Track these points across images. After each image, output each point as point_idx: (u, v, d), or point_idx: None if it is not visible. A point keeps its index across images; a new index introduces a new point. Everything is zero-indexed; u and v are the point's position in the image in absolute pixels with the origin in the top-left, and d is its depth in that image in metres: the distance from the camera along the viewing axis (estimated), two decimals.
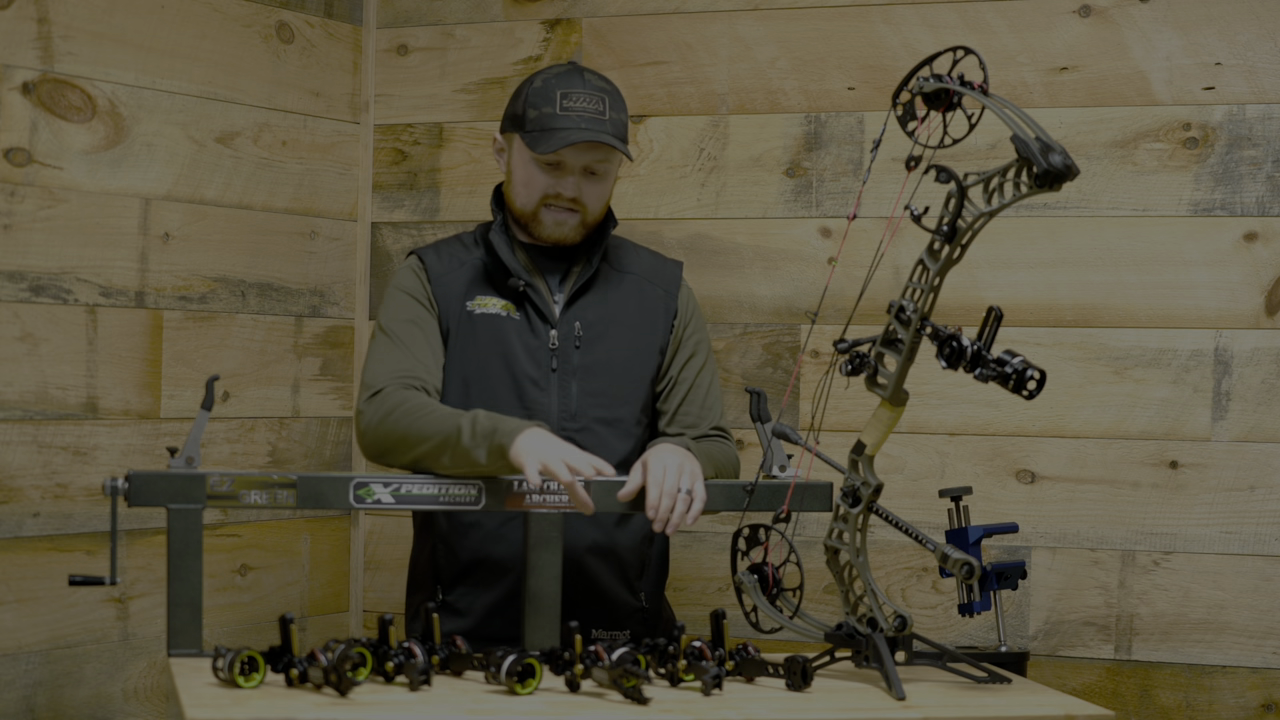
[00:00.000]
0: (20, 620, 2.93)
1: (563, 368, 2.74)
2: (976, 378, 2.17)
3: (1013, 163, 2.10)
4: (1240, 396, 3.10)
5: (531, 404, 2.71)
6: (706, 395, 2.86)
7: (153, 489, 2.41)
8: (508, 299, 2.76)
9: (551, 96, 2.71)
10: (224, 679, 2.16)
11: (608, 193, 2.79)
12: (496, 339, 2.74)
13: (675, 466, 2.52)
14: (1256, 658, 3.09)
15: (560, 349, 2.74)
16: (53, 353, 2.98)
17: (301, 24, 3.44)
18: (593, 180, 2.75)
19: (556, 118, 2.69)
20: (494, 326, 2.74)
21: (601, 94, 2.73)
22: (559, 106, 2.70)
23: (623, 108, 2.77)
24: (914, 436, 3.26)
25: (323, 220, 3.50)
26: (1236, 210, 3.12)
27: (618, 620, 2.78)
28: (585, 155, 2.72)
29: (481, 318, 2.75)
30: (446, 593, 2.77)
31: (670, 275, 2.88)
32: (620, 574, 2.79)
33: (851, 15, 3.31)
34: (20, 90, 2.92)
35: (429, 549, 2.81)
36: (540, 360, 2.73)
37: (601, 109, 2.71)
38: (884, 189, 3.16)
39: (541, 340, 2.74)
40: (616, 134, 2.72)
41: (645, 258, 2.89)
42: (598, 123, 2.70)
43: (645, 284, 2.84)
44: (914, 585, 3.27)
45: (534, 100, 2.73)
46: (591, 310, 2.77)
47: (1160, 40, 3.15)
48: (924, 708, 2.18)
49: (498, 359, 2.73)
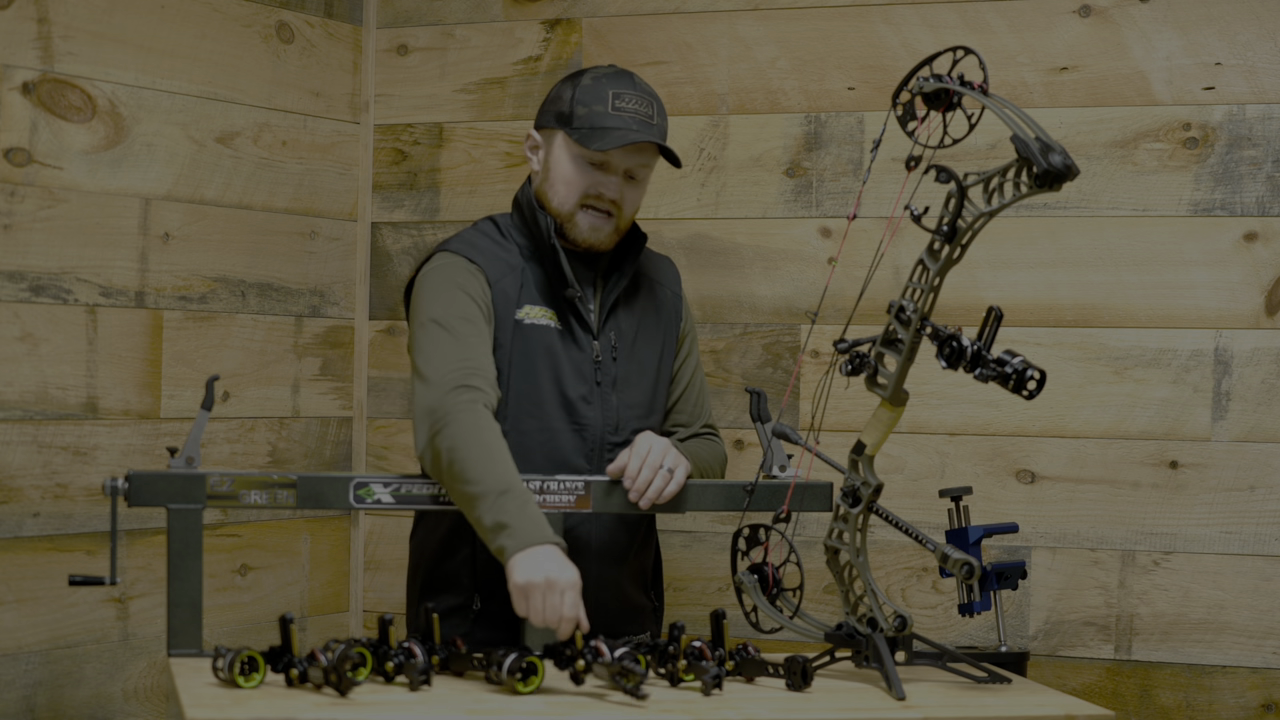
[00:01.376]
0: (20, 620, 2.93)
1: (604, 380, 2.70)
2: (976, 378, 2.17)
3: (1013, 163, 2.10)
4: (1240, 396, 3.10)
5: (580, 419, 2.67)
6: (700, 394, 2.85)
7: (153, 489, 2.41)
8: (552, 307, 2.69)
9: (603, 95, 2.65)
10: (224, 679, 2.16)
11: (640, 199, 2.73)
12: (545, 351, 2.67)
13: (661, 448, 2.58)
14: (1256, 658, 3.09)
15: (602, 361, 2.71)
16: (53, 353, 2.98)
17: (301, 24, 3.44)
18: (632, 185, 2.69)
19: (609, 116, 2.63)
20: (543, 338, 2.67)
21: (651, 98, 2.68)
22: (611, 106, 2.64)
23: (665, 115, 2.72)
24: (914, 436, 3.26)
25: (323, 220, 3.50)
26: (1236, 210, 3.12)
27: (641, 624, 2.78)
28: (632, 158, 2.67)
29: (532, 328, 2.67)
30: (485, 601, 2.66)
31: (672, 274, 2.86)
32: (637, 578, 2.78)
33: (851, 15, 3.31)
34: (20, 90, 2.92)
35: (466, 553, 2.68)
36: (585, 373, 2.68)
37: (651, 113, 2.66)
38: (884, 189, 3.16)
39: (586, 353, 2.69)
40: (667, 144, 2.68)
41: (652, 258, 2.86)
42: (648, 126, 2.65)
43: (658, 286, 2.82)
44: (914, 585, 3.27)
45: (583, 98, 2.65)
46: (623, 319, 2.74)
47: (1160, 40, 3.15)
48: (924, 708, 2.18)
49: (547, 373, 2.67)
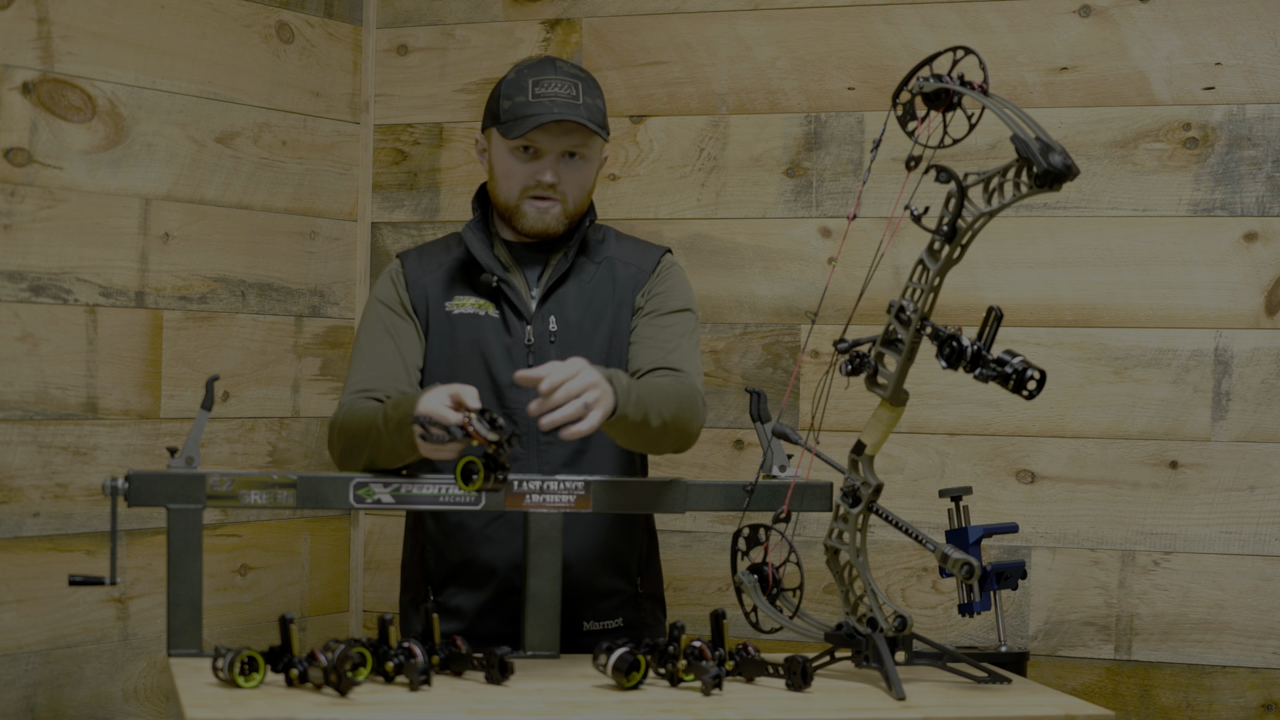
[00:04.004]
0: (20, 620, 2.93)
1: (539, 364, 2.71)
2: (976, 378, 2.17)
3: (1013, 163, 2.10)
4: (1240, 396, 3.10)
5: (511, 404, 2.69)
6: (660, 333, 2.72)
7: (153, 489, 2.41)
8: (484, 297, 2.74)
9: (524, 85, 2.69)
10: (224, 679, 2.16)
11: (589, 181, 2.75)
12: (474, 339, 2.72)
13: (586, 379, 2.36)
14: (1256, 658, 3.09)
15: (535, 345, 2.72)
16: (53, 353, 2.98)
17: (301, 24, 3.44)
18: (571, 167, 2.71)
19: (529, 104, 2.67)
20: (472, 327, 2.73)
21: (574, 80, 2.70)
22: (531, 94, 2.68)
23: (598, 94, 2.73)
24: (914, 436, 3.26)
25: (323, 220, 3.50)
26: (1236, 210, 3.12)
27: (611, 609, 2.78)
28: (560, 140, 2.69)
29: (460, 318, 2.74)
30: (437, 593, 2.78)
31: (649, 256, 2.82)
32: (609, 559, 2.77)
33: (851, 15, 3.31)
34: (20, 90, 2.92)
35: (419, 550, 2.81)
36: (517, 358, 2.71)
37: (575, 94, 2.69)
38: (884, 189, 3.16)
39: (516, 338, 2.72)
40: (592, 119, 2.69)
41: (626, 244, 2.84)
42: (570, 106, 2.67)
43: (619, 265, 2.79)
44: (914, 585, 3.27)
45: (508, 91, 2.71)
46: (568, 302, 2.74)
47: (1160, 40, 3.15)
48: (924, 708, 2.18)
49: (476, 359, 2.72)
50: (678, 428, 2.59)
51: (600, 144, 2.75)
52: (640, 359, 2.71)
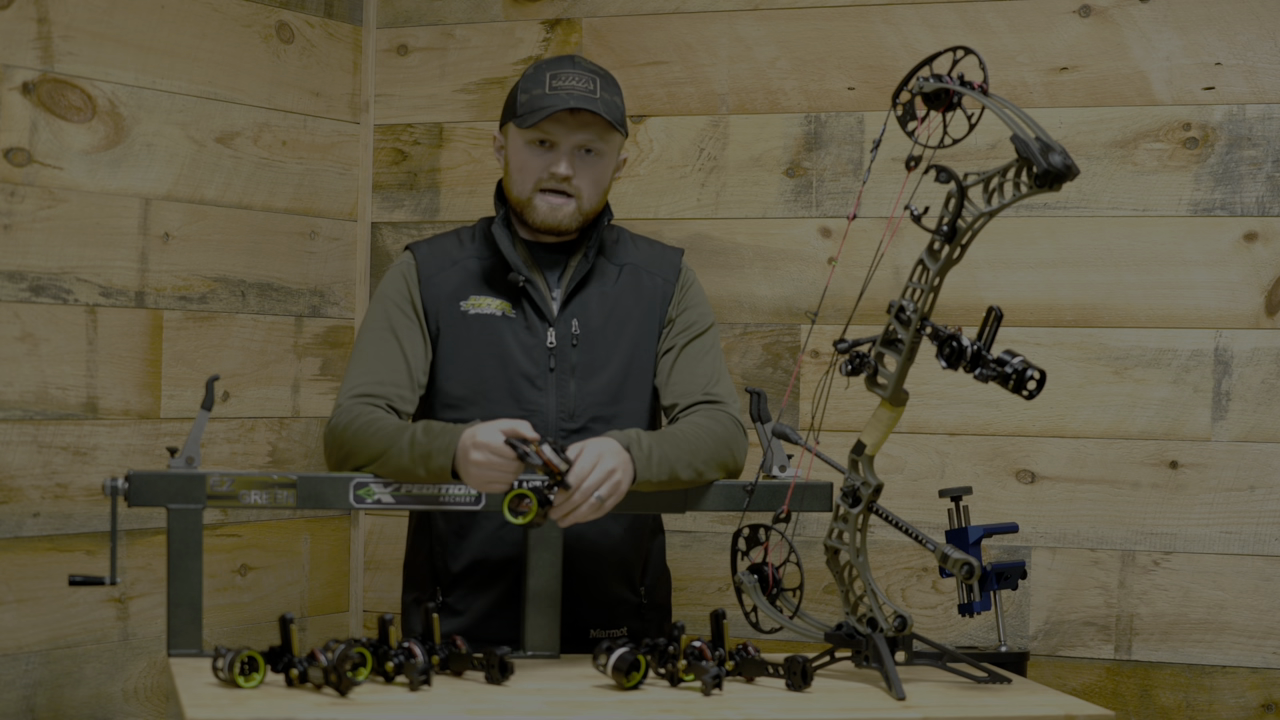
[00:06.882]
0: (20, 620, 2.93)
1: (560, 366, 2.71)
2: (976, 378, 2.17)
3: (1013, 163, 2.10)
4: (1240, 396, 3.10)
5: (528, 404, 2.68)
6: (698, 364, 2.75)
7: (153, 489, 2.41)
8: (504, 298, 2.72)
9: (541, 79, 2.68)
10: (224, 679, 2.16)
11: (604, 179, 2.73)
12: (492, 340, 2.70)
13: (604, 470, 2.41)
14: (1256, 658, 3.09)
15: (558, 348, 2.71)
16: (53, 353, 2.98)
17: (301, 24, 3.44)
18: (587, 163, 2.69)
19: (545, 96, 2.65)
20: (489, 327, 2.71)
21: (593, 75, 2.69)
22: (548, 87, 2.66)
23: (617, 92, 2.72)
24: (914, 436, 3.26)
25: (323, 220, 3.50)
26: (1236, 210, 3.12)
27: (615, 618, 2.78)
28: (576, 133, 2.67)
29: (476, 318, 2.71)
30: (446, 594, 2.76)
31: (669, 263, 2.82)
32: (618, 570, 2.77)
33: (851, 15, 3.31)
34: (20, 90, 2.92)
35: (426, 550, 2.79)
36: (538, 359, 2.70)
37: (592, 88, 2.67)
38: (884, 189, 3.16)
39: (539, 339, 2.70)
40: (609, 114, 2.67)
41: (644, 247, 2.84)
42: (587, 98, 2.65)
43: (643, 273, 2.79)
44: (914, 585, 3.27)
45: (525, 86, 2.70)
46: (591, 306, 2.73)
47: (1160, 40, 3.15)
48: (924, 708, 2.18)
49: (493, 360, 2.69)
50: (715, 472, 2.60)
51: (617, 142, 2.73)
52: (679, 392, 2.72)
